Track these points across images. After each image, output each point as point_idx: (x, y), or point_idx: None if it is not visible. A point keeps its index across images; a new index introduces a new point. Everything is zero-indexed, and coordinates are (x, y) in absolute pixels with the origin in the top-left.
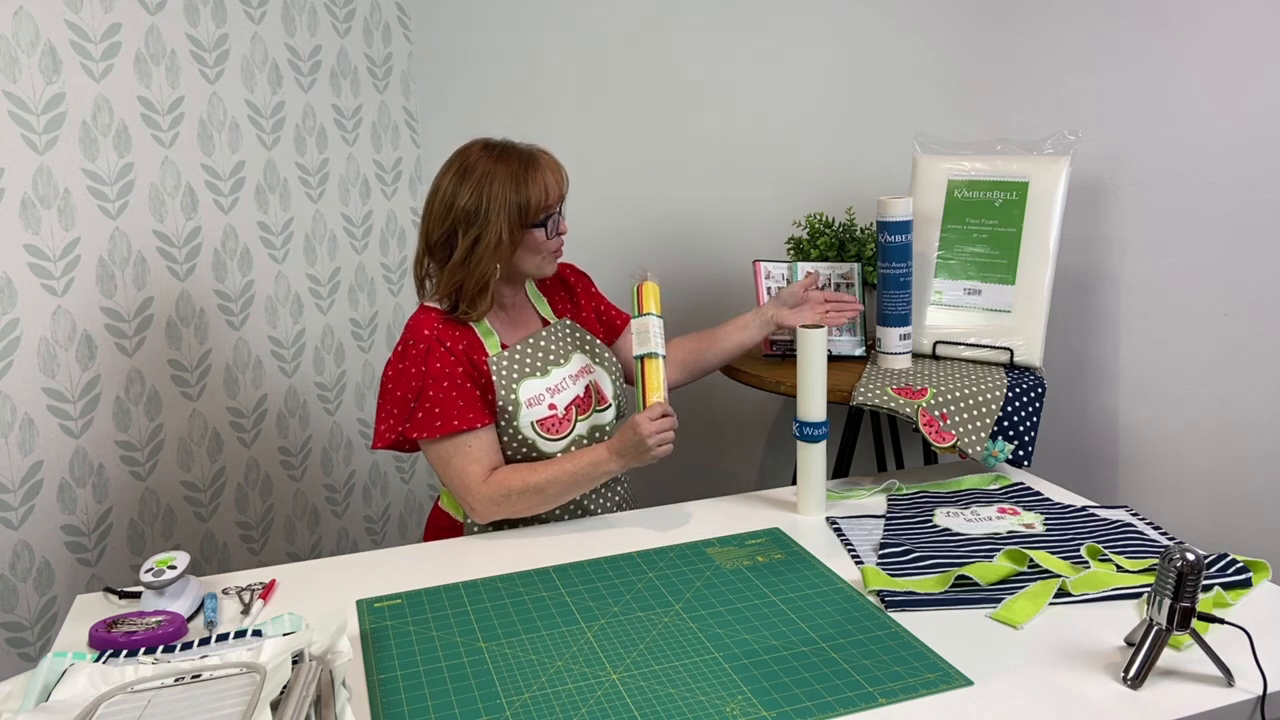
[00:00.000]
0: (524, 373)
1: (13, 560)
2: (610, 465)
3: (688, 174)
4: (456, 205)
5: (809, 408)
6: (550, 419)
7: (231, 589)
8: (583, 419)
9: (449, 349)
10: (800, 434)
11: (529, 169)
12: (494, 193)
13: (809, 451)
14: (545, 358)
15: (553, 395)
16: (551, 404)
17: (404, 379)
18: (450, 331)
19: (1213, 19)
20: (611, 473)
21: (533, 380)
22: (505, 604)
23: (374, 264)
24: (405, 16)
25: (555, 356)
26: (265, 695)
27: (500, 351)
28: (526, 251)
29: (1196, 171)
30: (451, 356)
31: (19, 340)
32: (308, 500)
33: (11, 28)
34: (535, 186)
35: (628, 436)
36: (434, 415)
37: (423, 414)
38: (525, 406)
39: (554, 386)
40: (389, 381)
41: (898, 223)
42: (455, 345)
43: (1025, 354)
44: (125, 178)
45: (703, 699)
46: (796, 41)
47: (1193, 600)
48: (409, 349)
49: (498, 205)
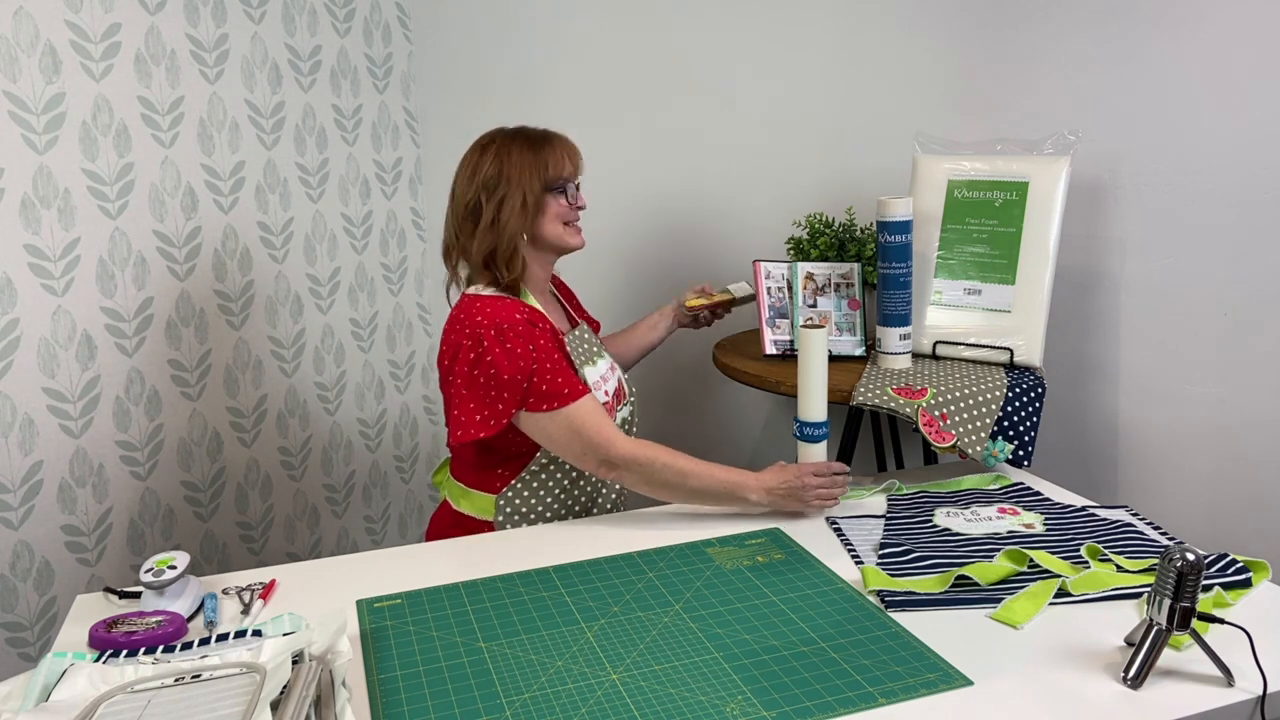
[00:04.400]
0: (583, 359)
1: (13, 560)
2: (754, 497)
3: (688, 174)
4: (479, 174)
5: (810, 408)
6: (606, 405)
7: (231, 589)
8: (619, 409)
9: (543, 328)
10: (801, 434)
11: (545, 140)
12: (513, 159)
13: (809, 451)
14: (589, 349)
15: (605, 383)
16: (606, 390)
17: (513, 360)
18: (535, 314)
19: (1213, 19)
20: (750, 506)
21: (589, 367)
22: (505, 604)
23: (374, 264)
24: (405, 16)
25: (596, 349)
26: (265, 695)
27: (569, 330)
28: (548, 219)
29: (1197, 171)
30: (548, 333)
31: (19, 340)
32: (308, 500)
33: (11, 28)
34: (552, 153)
35: (789, 480)
36: (558, 385)
37: (546, 386)
38: (593, 388)
39: (603, 375)
40: (491, 367)
41: (898, 223)
42: (545, 325)
43: (1025, 354)
44: (125, 178)
45: (703, 699)
46: (797, 41)
47: (1193, 600)
48: (506, 332)
49: (518, 170)
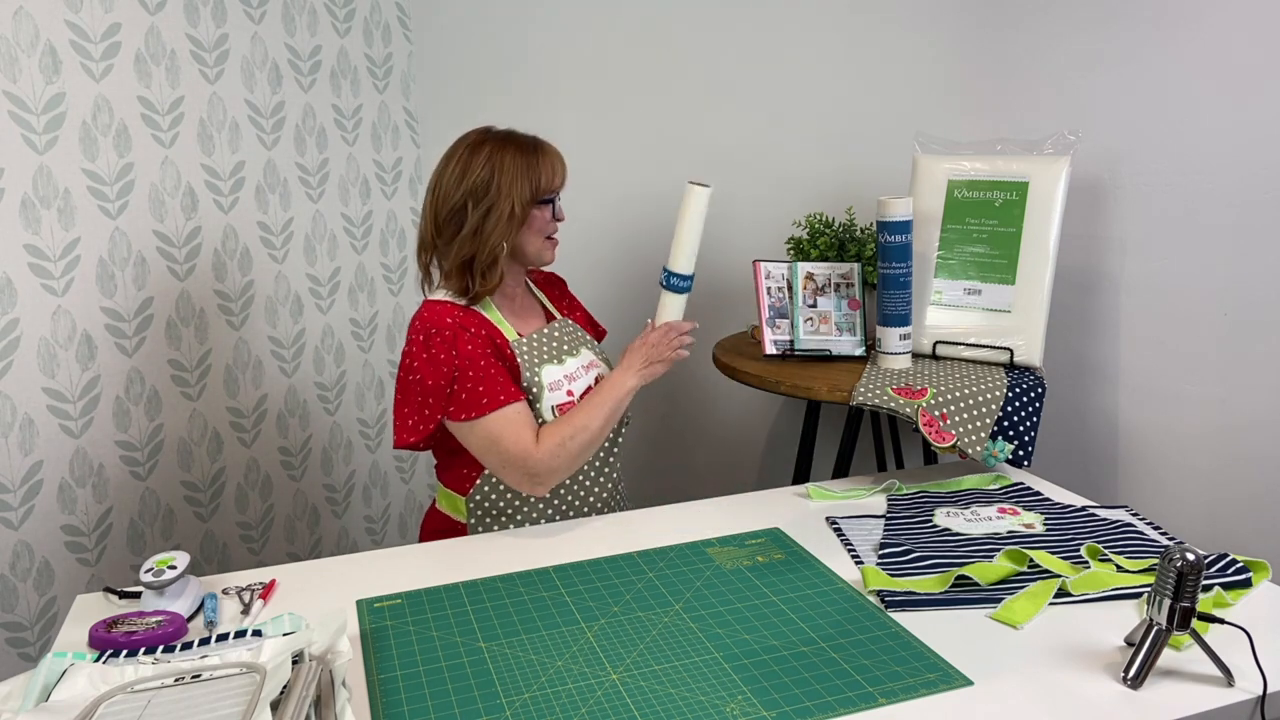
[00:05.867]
0: (544, 359)
1: (13, 560)
2: (630, 382)
3: (687, 174)
4: (469, 178)
5: (678, 260)
6: (568, 404)
7: (231, 589)
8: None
9: (473, 333)
10: (666, 283)
11: (538, 150)
12: (506, 166)
13: (669, 300)
14: (559, 347)
15: (570, 382)
16: (569, 390)
17: (435, 366)
18: (470, 318)
19: (1213, 19)
20: (633, 389)
21: (551, 366)
22: (505, 604)
23: (374, 264)
24: (405, 16)
25: (568, 347)
26: (265, 695)
27: (519, 338)
28: (531, 231)
29: (1197, 171)
30: (478, 339)
31: (19, 340)
32: (308, 500)
33: (11, 28)
34: (545, 165)
35: (637, 350)
36: (478, 394)
37: (465, 395)
38: (548, 390)
39: (570, 374)
40: (416, 373)
41: (898, 223)
42: (478, 330)
43: (1025, 354)
44: (125, 178)
45: (703, 699)
46: (797, 41)
47: (1193, 600)
48: (433, 338)
49: (510, 178)
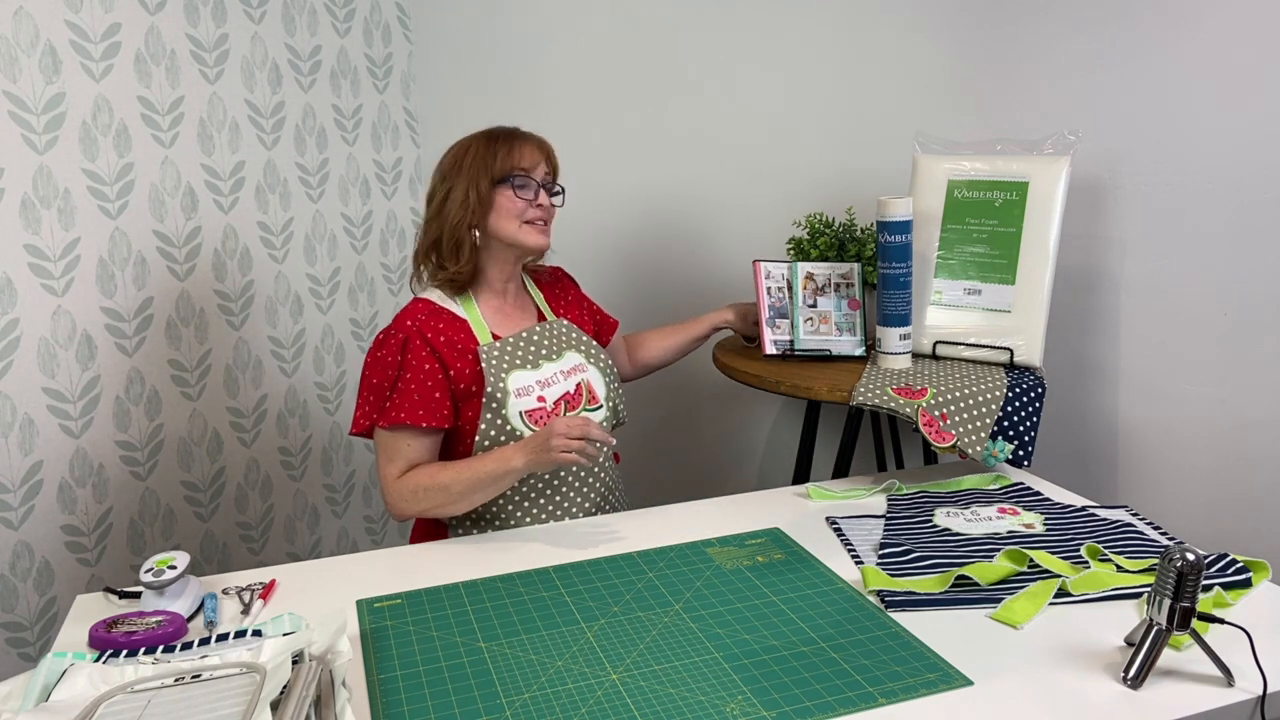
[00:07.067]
0: (514, 364)
1: (13, 560)
2: (516, 462)
3: (688, 174)
4: (439, 167)
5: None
6: (539, 411)
7: (231, 589)
8: (591, 410)
9: (427, 341)
10: None
11: (507, 135)
12: (470, 149)
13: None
14: (537, 351)
15: (542, 388)
16: (540, 396)
17: (381, 367)
18: (434, 323)
19: (1213, 19)
20: (517, 471)
21: (522, 372)
22: (505, 604)
23: (374, 264)
24: (405, 16)
25: (548, 351)
26: (265, 695)
27: (491, 342)
28: (500, 215)
29: (1197, 171)
30: (427, 350)
31: (19, 340)
32: (308, 500)
33: (11, 28)
34: (506, 146)
35: (540, 433)
36: (396, 403)
37: (388, 402)
38: (514, 396)
39: (544, 380)
40: (367, 368)
41: (898, 223)
42: (436, 338)
43: (1025, 354)
44: (125, 178)
45: (703, 699)
46: (797, 41)
47: (1193, 600)
48: (389, 338)
49: (471, 158)
